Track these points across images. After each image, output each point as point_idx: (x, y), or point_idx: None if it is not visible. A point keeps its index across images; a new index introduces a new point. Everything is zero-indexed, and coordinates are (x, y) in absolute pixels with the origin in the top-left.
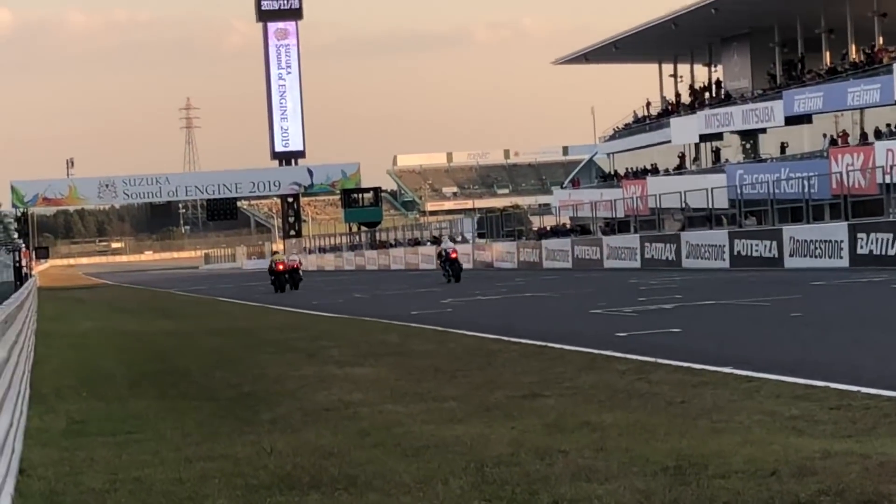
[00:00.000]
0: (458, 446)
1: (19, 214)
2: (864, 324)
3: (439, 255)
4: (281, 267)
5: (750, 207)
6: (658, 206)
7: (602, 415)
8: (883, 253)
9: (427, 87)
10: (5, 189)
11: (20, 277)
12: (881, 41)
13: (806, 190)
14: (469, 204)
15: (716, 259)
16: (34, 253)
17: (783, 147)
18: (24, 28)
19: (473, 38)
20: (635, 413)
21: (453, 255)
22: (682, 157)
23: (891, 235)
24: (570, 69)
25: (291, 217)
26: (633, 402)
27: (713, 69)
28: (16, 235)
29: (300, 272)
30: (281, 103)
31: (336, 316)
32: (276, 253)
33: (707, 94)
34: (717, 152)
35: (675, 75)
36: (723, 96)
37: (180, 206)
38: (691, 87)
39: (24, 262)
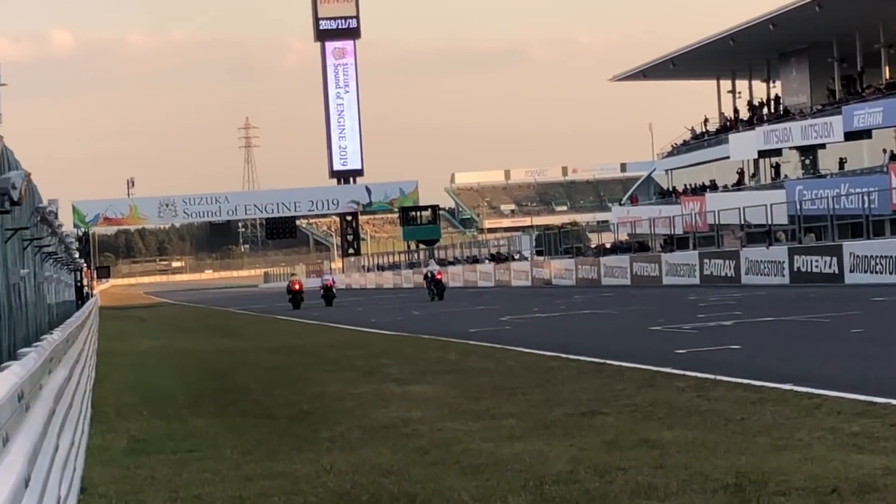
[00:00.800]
0: (517, 464)
1: (80, 234)
2: None
3: (426, 276)
4: (297, 287)
5: (809, 223)
6: (717, 222)
7: (661, 432)
8: None
9: (484, 105)
10: (67, 209)
11: (81, 297)
12: None
13: (866, 205)
14: (527, 221)
15: (775, 275)
16: (95, 272)
17: (841, 162)
18: (84, 49)
19: (530, 56)
20: (695, 430)
21: (438, 276)
22: (740, 173)
23: None
24: (627, 86)
25: (350, 235)
26: (693, 419)
27: (771, 85)
28: (77, 255)
29: (333, 290)
30: (339, 122)
31: (394, 334)
32: (293, 274)
33: (765, 110)
34: (777, 168)
35: (733, 91)
36: (781, 112)
37: (240, 224)
38: (749, 102)
39: (85, 282)
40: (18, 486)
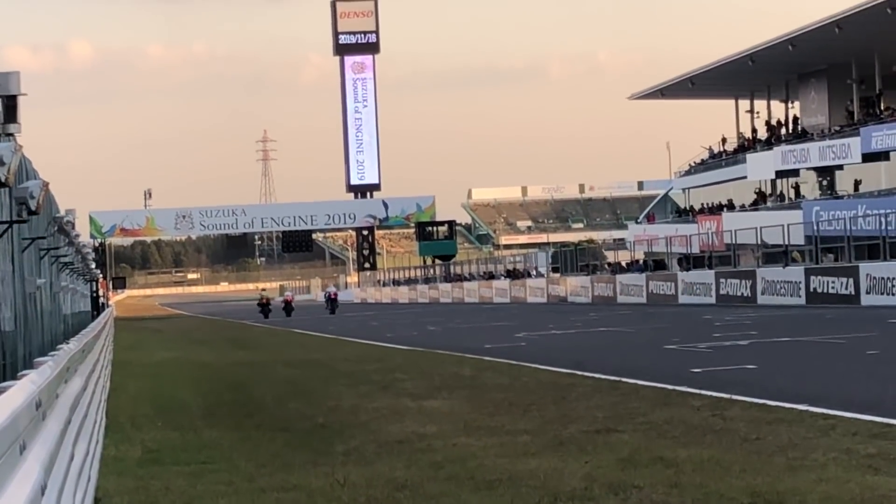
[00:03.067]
0: (532, 480)
1: (97, 245)
2: None
3: (326, 295)
4: (265, 301)
5: (826, 244)
6: (734, 241)
7: (676, 450)
8: None
9: (502, 121)
10: (84, 219)
11: (97, 307)
12: None
13: (883, 227)
14: (543, 238)
15: (791, 295)
16: (111, 283)
17: (857, 184)
18: (103, 60)
19: (549, 73)
20: (710, 449)
21: (333, 297)
22: (758, 192)
23: None
24: (645, 104)
25: (366, 249)
26: (708, 438)
27: (790, 105)
28: (93, 265)
29: (292, 304)
30: (357, 136)
31: (410, 348)
32: (263, 290)
33: (783, 130)
34: (797, 188)
35: (751, 111)
36: (799, 132)
37: (256, 237)
38: (768, 122)
39: (101, 293)
40: (35, 494)
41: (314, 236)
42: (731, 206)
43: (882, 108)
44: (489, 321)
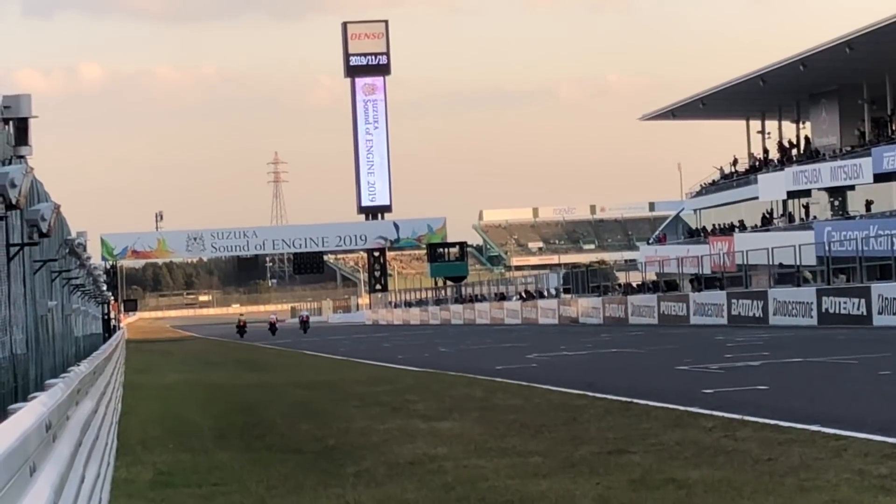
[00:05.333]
0: (543, 501)
1: (108, 267)
2: None
3: (300, 318)
4: (242, 323)
5: (838, 265)
6: (745, 262)
7: (688, 471)
8: None
9: (513, 143)
10: (95, 242)
11: (109, 330)
12: None
13: (895, 247)
14: (555, 259)
15: (803, 316)
16: (122, 305)
17: (868, 204)
18: (113, 82)
19: (559, 95)
20: (721, 470)
21: (305, 319)
22: (769, 213)
23: None
24: (656, 125)
25: (377, 271)
26: (720, 459)
27: (801, 126)
28: (105, 288)
29: (276, 326)
30: (368, 158)
31: (421, 370)
32: (241, 315)
33: (795, 151)
34: (807, 207)
35: (762, 131)
36: (811, 153)
37: (267, 259)
38: (779, 143)
39: (112, 315)
40: None
41: (325, 258)
42: (742, 227)
43: (894, 128)
44: (500, 342)
